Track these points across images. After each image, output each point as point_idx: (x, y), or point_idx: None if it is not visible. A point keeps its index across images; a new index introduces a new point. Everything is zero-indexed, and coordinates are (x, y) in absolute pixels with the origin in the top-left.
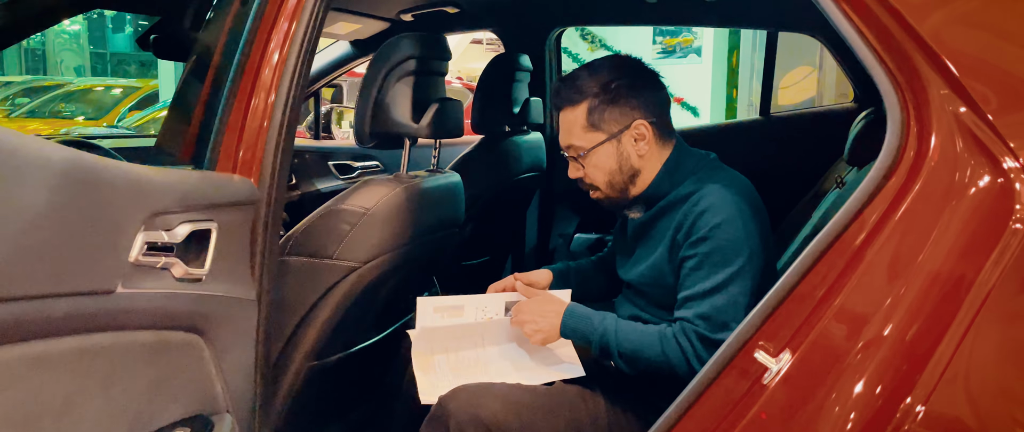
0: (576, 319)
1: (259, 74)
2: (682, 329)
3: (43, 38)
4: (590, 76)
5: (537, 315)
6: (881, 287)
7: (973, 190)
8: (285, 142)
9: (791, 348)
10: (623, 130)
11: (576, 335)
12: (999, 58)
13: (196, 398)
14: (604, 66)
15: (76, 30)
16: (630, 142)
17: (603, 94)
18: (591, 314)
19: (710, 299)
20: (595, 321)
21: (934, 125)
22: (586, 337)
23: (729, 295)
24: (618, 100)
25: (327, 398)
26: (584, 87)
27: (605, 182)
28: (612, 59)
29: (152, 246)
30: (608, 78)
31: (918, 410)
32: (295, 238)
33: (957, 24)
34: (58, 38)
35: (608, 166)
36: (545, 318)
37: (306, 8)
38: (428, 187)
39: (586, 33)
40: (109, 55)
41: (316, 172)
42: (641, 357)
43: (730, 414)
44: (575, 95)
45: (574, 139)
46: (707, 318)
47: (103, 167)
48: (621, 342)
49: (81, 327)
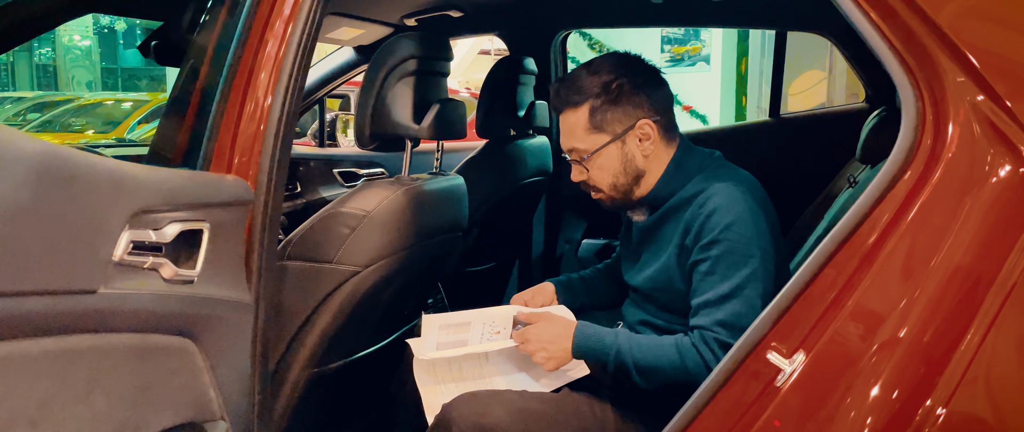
0: (587, 339)
1: (254, 77)
2: (702, 338)
3: (54, 54)
4: (590, 75)
5: (546, 341)
6: (899, 283)
7: (994, 180)
8: (283, 144)
9: (805, 348)
10: (627, 130)
11: (589, 356)
12: (1017, 45)
13: (188, 405)
14: (604, 64)
15: (87, 46)
16: (635, 142)
17: (605, 94)
18: (602, 332)
19: (728, 304)
20: (607, 339)
21: (951, 114)
22: (600, 357)
23: (746, 299)
24: (621, 99)
25: (328, 407)
26: (585, 87)
27: (609, 184)
28: (612, 57)
29: (139, 245)
30: (610, 77)
31: (939, 413)
32: (294, 242)
33: (973, 11)
34: (69, 54)
35: (612, 168)
36: (554, 343)
37: (302, 11)
38: (430, 190)
39: (593, 42)
40: (120, 70)
41: (320, 180)
42: (660, 371)
43: (742, 418)
44: (575, 96)
45: (576, 142)
46: (726, 324)
47: (82, 161)
48: (637, 358)
49: (59, 328)
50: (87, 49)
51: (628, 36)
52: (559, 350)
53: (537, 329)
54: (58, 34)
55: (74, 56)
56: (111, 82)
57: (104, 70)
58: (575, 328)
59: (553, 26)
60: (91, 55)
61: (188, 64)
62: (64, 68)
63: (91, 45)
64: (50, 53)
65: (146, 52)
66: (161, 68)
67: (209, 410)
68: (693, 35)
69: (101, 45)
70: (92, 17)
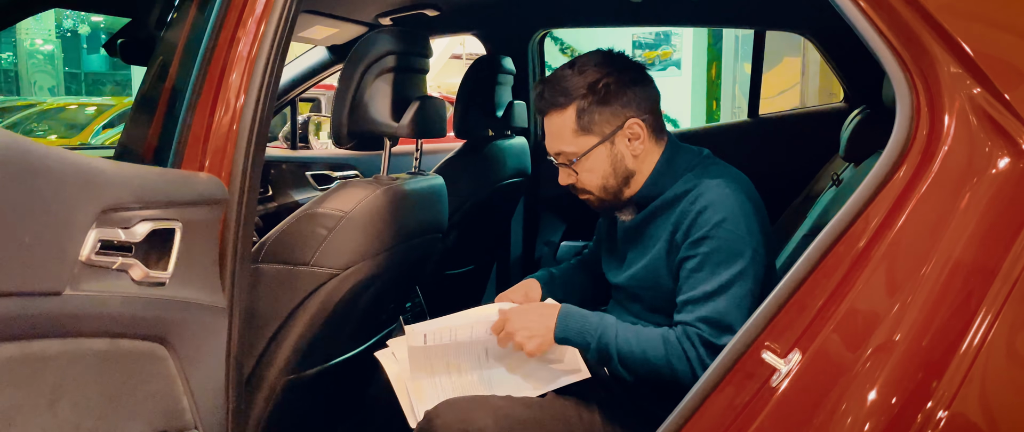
0: (572, 319)
1: (226, 76)
2: (685, 333)
3: (15, 58)
4: (576, 75)
5: (528, 321)
6: (897, 279)
7: (992, 173)
8: (257, 145)
9: (801, 348)
10: (616, 130)
11: (572, 337)
12: (1013, 36)
13: (160, 413)
14: (590, 63)
15: (50, 50)
16: (624, 142)
17: (592, 94)
18: (588, 315)
19: (713, 302)
20: (593, 321)
21: (946, 106)
22: (584, 338)
23: (732, 297)
24: (609, 99)
25: (305, 414)
26: (571, 88)
27: (599, 186)
28: (596, 55)
29: (107, 245)
30: (596, 76)
31: (940, 416)
32: (269, 244)
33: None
34: (31, 59)
35: (602, 170)
36: (536, 322)
37: (276, 8)
38: (410, 190)
39: (565, 47)
40: (83, 75)
41: (293, 182)
42: (643, 360)
43: (736, 420)
44: (561, 98)
45: (564, 145)
46: (709, 321)
47: (45, 154)
48: (621, 344)
49: (22, 332)
50: (50, 53)
51: (599, 41)
52: (542, 328)
53: (517, 311)
54: (20, 38)
55: (36, 60)
56: (74, 87)
57: (67, 74)
58: (559, 310)
59: (530, 26)
60: (54, 59)
61: (157, 62)
62: (26, 72)
63: (54, 49)
64: (12, 58)
65: (112, 50)
66: (126, 73)
67: (182, 419)
68: (664, 39)
69: (64, 49)
70: (55, 21)
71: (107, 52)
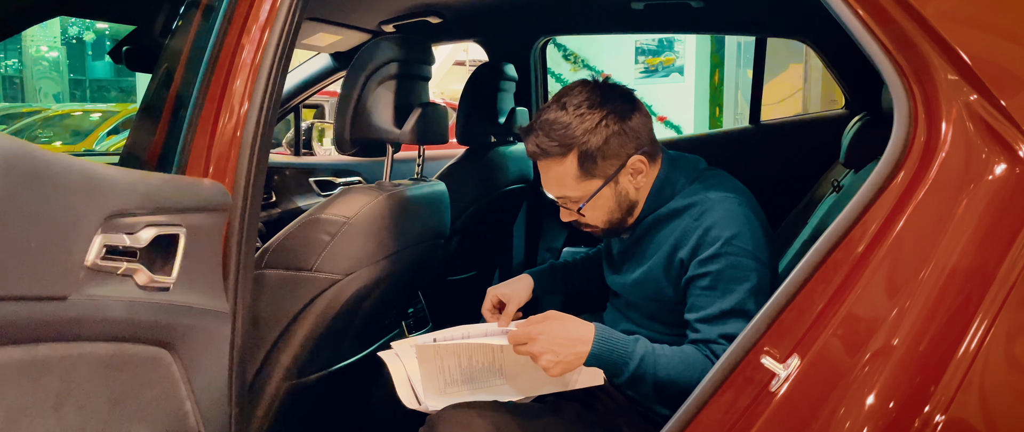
0: (608, 343)
1: (230, 83)
2: (711, 351)
3: (21, 65)
4: (573, 118)
5: (557, 343)
6: (895, 284)
7: (989, 179)
8: (260, 151)
9: (800, 352)
10: (620, 169)
11: (605, 363)
12: (1010, 43)
13: (163, 418)
14: (581, 101)
15: (55, 57)
16: (628, 178)
17: (592, 137)
18: (623, 339)
19: (732, 320)
20: (630, 347)
21: (943, 113)
22: (618, 365)
23: (748, 313)
24: (610, 140)
25: (308, 419)
26: (568, 135)
27: (604, 220)
28: (585, 90)
29: (112, 250)
30: (594, 119)
31: (937, 420)
32: (272, 250)
33: (963, 7)
34: (37, 65)
35: (608, 207)
36: (566, 347)
37: (280, 16)
38: (412, 196)
39: (568, 54)
40: (89, 82)
41: (296, 189)
42: (677, 384)
43: (735, 424)
44: (559, 148)
45: (568, 191)
46: (731, 338)
47: (52, 160)
48: (659, 370)
49: (27, 336)
50: (55, 60)
51: (602, 48)
52: (571, 355)
53: (547, 327)
54: (25, 45)
55: (41, 67)
56: (79, 93)
57: (72, 81)
58: (595, 332)
59: (532, 33)
60: (59, 66)
61: (161, 69)
62: (31, 79)
63: (59, 56)
64: (17, 64)
65: (117, 57)
66: (131, 79)
67: (185, 423)
68: (667, 46)
69: (69, 56)
70: (60, 28)
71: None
